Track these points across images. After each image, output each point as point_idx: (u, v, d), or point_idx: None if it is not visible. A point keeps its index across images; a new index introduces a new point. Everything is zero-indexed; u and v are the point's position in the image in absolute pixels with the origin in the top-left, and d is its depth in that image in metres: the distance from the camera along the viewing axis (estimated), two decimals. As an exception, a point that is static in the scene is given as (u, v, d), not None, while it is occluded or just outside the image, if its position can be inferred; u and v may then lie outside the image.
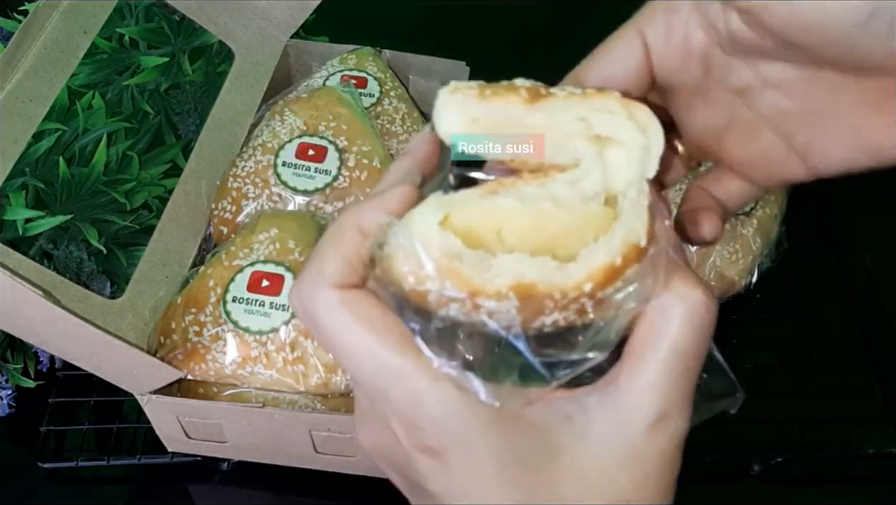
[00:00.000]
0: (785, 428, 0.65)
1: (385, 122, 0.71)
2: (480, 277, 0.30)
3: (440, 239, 0.30)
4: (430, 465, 0.32)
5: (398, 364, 0.31)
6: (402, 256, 0.31)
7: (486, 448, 0.31)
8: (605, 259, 0.30)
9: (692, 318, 0.31)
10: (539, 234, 0.31)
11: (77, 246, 0.64)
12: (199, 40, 0.76)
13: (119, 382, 0.54)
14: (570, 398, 0.32)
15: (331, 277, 0.32)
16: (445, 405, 0.31)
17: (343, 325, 0.31)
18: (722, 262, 0.69)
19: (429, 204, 0.31)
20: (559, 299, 0.30)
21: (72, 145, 0.67)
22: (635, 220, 0.31)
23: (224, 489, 0.62)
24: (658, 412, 0.31)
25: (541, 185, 0.32)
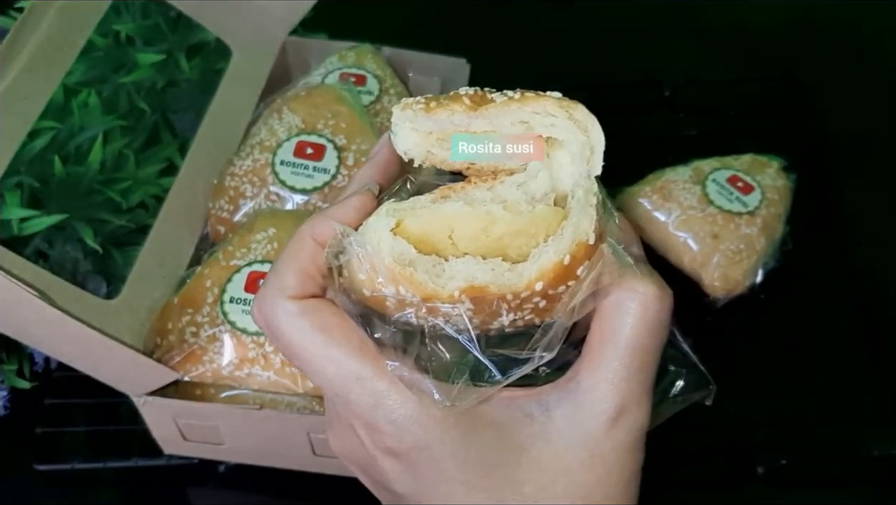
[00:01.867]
0: (789, 430, 0.64)
1: (384, 120, 0.71)
2: (433, 281, 0.31)
3: (393, 246, 0.31)
4: (394, 467, 0.33)
5: (356, 369, 0.32)
6: (357, 263, 0.32)
7: (445, 450, 0.32)
8: (555, 258, 0.31)
9: (645, 312, 0.32)
10: (489, 237, 0.32)
11: (73, 245, 0.64)
12: (196, 37, 0.75)
13: (115, 384, 0.54)
14: (531, 397, 0.33)
15: (289, 289, 0.33)
16: (403, 408, 0.32)
17: (302, 334, 0.33)
18: (726, 262, 0.68)
19: (381, 212, 0.32)
20: (512, 300, 0.31)
21: (67, 144, 0.67)
22: (583, 219, 0.32)
23: (221, 492, 0.62)
24: (616, 407, 0.32)
25: (489, 188, 0.33)
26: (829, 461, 0.63)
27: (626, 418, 0.33)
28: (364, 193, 0.35)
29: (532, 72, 0.90)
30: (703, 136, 0.83)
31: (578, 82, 0.87)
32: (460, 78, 0.77)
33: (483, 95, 0.34)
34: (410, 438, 0.32)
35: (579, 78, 0.87)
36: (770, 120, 0.85)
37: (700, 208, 0.70)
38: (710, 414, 0.63)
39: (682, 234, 0.70)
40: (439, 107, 0.34)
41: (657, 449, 0.36)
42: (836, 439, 0.64)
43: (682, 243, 0.70)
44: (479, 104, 0.34)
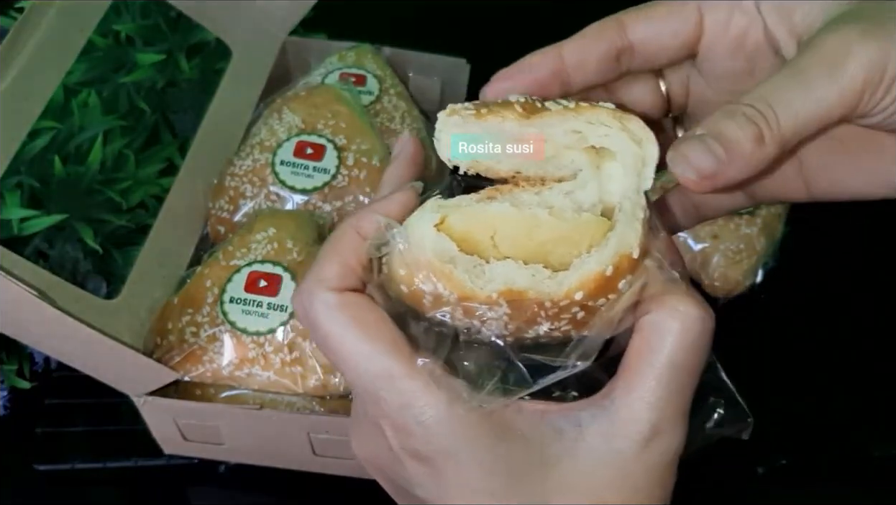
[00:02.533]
0: (790, 430, 0.64)
1: (384, 120, 0.71)
2: (472, 281, 0.30)
3: (435, 241, 0.31)
4: (419, 470, 0.33)
5: (388, 366, 0.32)
6: (398, 257, 0.32)
7: (472, 457, 0.31)
8: (597, 268, 0.30)
9: (686, 334, 0.31)
10: (532, 241, 0.31)
11: (73, 245, 0.64)
12: (196, 37, 0.75)
13: (115, 384, 0.54)
14: (563, 412, 0.32)
15: (329, 281, 0.33)
16: (434, 410, 0.31)
17: (338, 327, 0.32)
18: (726, 262, 0.68)
19: (426, 207, 0.32)
20: (550, 308, 0.31)
21: (67, 144, 0.67)
22: (629, 232, 0.31)
23: (221, 492, 0.62)
24: (651, 428, 0.31)
25: (537, 193, 0.33)
26: (829, 461, 0.63)
27: (659, 440, 0.32)
28: (408, 190, 0.35)
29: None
30: (703, 135, 0.83)
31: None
32: (460, 78, 0.77)
33: (533, 104, 0.33)
34: (438, 441, 0.31)
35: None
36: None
37: (700, 208, 0.70)
38: (709, 414, 0.64)
39: (681, 234, 0.70)
40: (490, 113, 0.33)
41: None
42: (837, 439, 0.64)
43: (682, 243, 0.70)
44: (531, 112, 0.33)
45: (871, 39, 0.30)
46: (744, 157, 0.31)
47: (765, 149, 0.31)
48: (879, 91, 0.31)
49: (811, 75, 0.31)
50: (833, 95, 0.31)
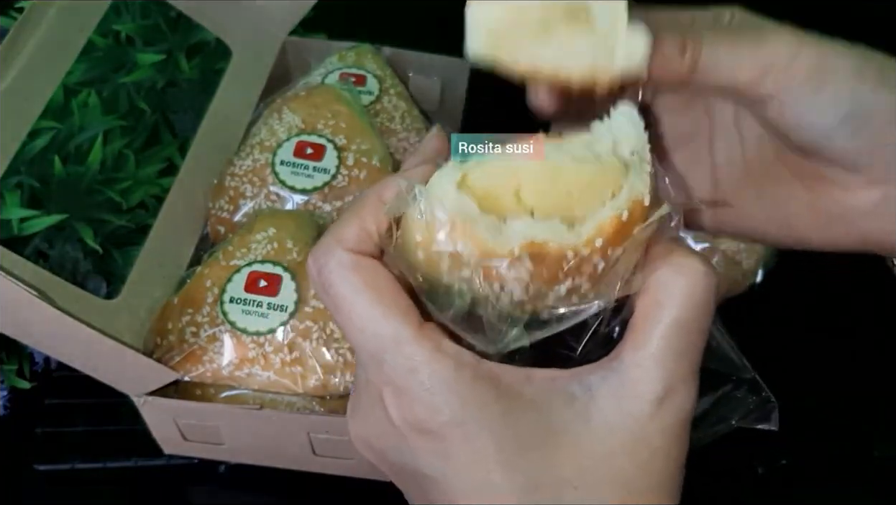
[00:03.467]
0: (790, 430, 0.64)
1: (384, 120, 0.71)
2: (494, 238, 0.30)
3: (457, 200, 0.30)
4: (425, 445, 0.32)
5: (397, 330, 0.31)
6: (416, 221, 0.31)
7: (483, 425, 0.30)
8: (613, 213, 0.30)
9: (693, 290, 0.31)
10: (558, 191, 0.31)
11: (73, 245, 0.64)
12: (196, 37, 0.75)
13: (115, 384, 0.54)
14: (574, 376, 0.32)
15: (346, 242, 0.32)
16: (441, 375, 0.31)
17: (350, 287, 0.32)
18: (726, 262, 0.68)
19: (447, 166, 0.32)
20: (571, 259, 0.30)
21: (67, 144, 0.67)
22: (639, 181, 0.31)
23: (221, 492, 0.62)
24: (664, 387, 0.31)
25: (558, 146, 0.32)
26: (830, 461, 0.63)
27: (672, 399, 0.31)
28: (432, 164, 0.34)
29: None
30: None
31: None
32: (460, 78, 0.77)
33: None
34: (446, 409, 0.30)
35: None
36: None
37: (700, 208, 0.70)
38: (710, 414, 0.64)
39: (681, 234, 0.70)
40: None
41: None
42: (837, 439, 0.64)
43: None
44: None
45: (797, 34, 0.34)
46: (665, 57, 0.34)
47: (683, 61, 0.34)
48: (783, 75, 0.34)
49: (740, 34, 0.35)
50: (748, 55, 0.34)
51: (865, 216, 0.36)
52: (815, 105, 0.34)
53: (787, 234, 0.39)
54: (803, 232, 0.38)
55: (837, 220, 0.37)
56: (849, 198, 0.36)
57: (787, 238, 0.39)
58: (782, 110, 0.34)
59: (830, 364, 0.68)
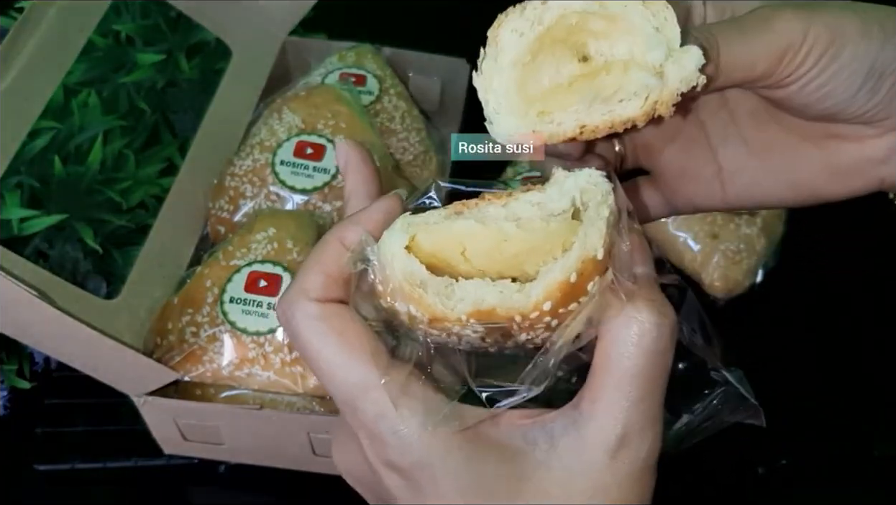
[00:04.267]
0: (790, 430, 0.64)
1: (384, 120, 0.71)
2: (443, 303, 0.30)
3: (405, 265, 0.31)
4: (396, 482, 0.33)
5: (365, 377, 0.32)
6: (375, 276, 0.32)
7: (447, 470, 0.32)
8: (560, 277, 0.30)
9: (641, 341, 0.31)
10: (503, 254, 0.31)
11: (73, 245, 0.64)
12: (196, 37, 0.75)
13: (115, 384, 0.54)
14: (537, 425, 0.33)
15: (311, 291, 0.33)
16: (408, 423, 0.32)
17: (317, 337, 0.33)
18: (726, 262, 0.68)
19: (395, 227, 0.32)
20: (521, 321, 0.31)
21: (67, 144, 0.67)
22: (593, 233, 0.30)
23: (221, 492, 0.62)
24: (617, 438, 0.31)
25: (504, 205, 0.32)
26: (830, 461, 0.63)
27: (627, 449, 0.32)
28: (392, 198, 0.35)
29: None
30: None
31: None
32: (460, 78, 0.77)
33: None
34: (412, 453, 0.32)
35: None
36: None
37: (700, 208, 0.70)
38: (710, 414, 0.64)
39: (682, 234, 0.70)
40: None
41: (657, 448, 0.36)
42: (837, 439, 0.64)
43: (682, 243, 0.70)
44: None
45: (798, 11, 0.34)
46: None
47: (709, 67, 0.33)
48: (799, 56, 0.34)
49: (747, 25, 0.34)
50: (762, 46, 0.34)
51: (881, 163, 0.37)
52: (833, 77, 0.34)
53: (801, 193, 0.39)
54: (818, 188, 0.38)
55: (852, 172, 0.37)
56: (863, 149, 0.37)
57: (802, 197, 0.39)
58: (802, 88, 0.35)
59: (830, 364, 0.68)
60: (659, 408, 0.32)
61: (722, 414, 0.37)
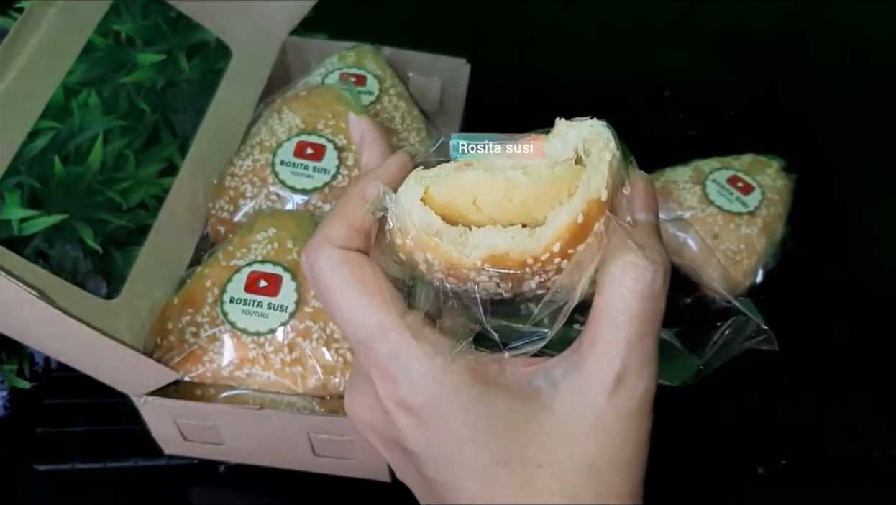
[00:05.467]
0: (790, 430, 0.64)
1: (384, 120, 0.71)
2: (458, 251, 0.32)
3: (421, 216, 0.33)
4: (407, 421, 0.35)
5: (382, 319, 0.34)
6: (393, 227, 0.34)
7: (456, 407, 0.34)
8: (568, 218, 0.32)
9: (636, 285, 0.33)
10: (512, 202, 0.33)
11: (73, 245, 0.64)
12: (196, 38, 0.75)
13: (115, 384, 0.54)
14: (541, 371, 0.35)
15: (335, 239, 0.35)
16: (420, 362, 0.34)
17: (339, 281, 0.35)
18: (726, 262, 0.68)
19: (409, 182, 0.34)
20: (533, 264, 0.33)
21: (67, 144, 0.67)
22: (596, 176, 0.33)
23: (221, 492, 0.62)
24: (614, 376, 0.34)
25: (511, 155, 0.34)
26: (829, 461, 0.63)
27: (625, 386, 0.34)
28: (403, 154, 0.38)
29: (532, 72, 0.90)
30: (703, 136, 0.83)
31: (578, 82, 0.87)
32: (460, 78, 0.77)
33: None
34: (423, 391, 0.34)
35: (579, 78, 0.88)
36: (770, 120, 0.85)
37: (700, 208, 0.70)
38: (710, 414, 0.64)
39: (681, 234, 0.70)
40: None
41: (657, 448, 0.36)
42: (836, 439, 0.64)
43: (682, 243, 0.70)
44: None
45: None
46: None
47: None
48: None
49: None
50: None
51: None
52: None
53: None
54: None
55: None
56: None
57: None
58: None
59: (830, 364, 0.68)
60: (654, 349, 0.34)
61: (735, 342, 0.39)
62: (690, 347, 0.40)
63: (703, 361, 0.40)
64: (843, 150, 0.83)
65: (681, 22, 0.96)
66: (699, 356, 0.40)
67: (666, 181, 0.73)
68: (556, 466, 0.34)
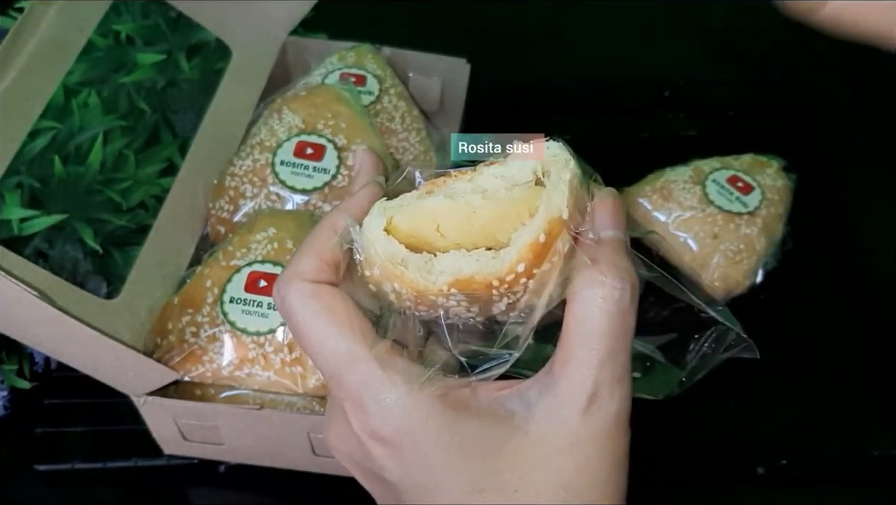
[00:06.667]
0: (790, 430, 0.64)
1: (384, 120, 0.71)
2: (424, 278, 0.33)
3: (385, 246, 0.33)
4: (381, 451, 0.35)
5: (351, 350, 0.34)
6: (361, 259, 0.35)
7: (428, 435, 0.33)
8: (530, 238, 0.32)
9: (605, 303, 0.33)
10: (474, 226, 0.33)
11: (73, 246, 0.64)
12: (196, 37, 0.75)
13: (115, 384, 0.54)
14: (514, 393, 0.35)
15: (305, 273, 0.36)
16: (391, 392, 0.34)
17: (309, 313, 0.35)
18: (726, 262, 0.68)
19: (373, 213, 0.34)
20: (500, 286, 0.33)
21: (67, 144, 0.67)
22: (556, 194, 0.33)
23: (221, 492, 0.62)
24: (588, 396, 0.33)
25: (469, 180, 0.35)
26: (829, 461, 0.63)
27: (598, 405, 0.34)
28: (373, 185, 0.38)
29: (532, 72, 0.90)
30: (703, 136, 0.83)
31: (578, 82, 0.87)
32: (460, 78, 0.77)
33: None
34: (395, 420, 0.34)
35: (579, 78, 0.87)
36: (770, 120, 0.85)
37: (700, 208, 0.70)
38: (710, 414, 0.64)
39: (682, 234, 0.70)
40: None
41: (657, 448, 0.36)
42: (836, 439, 0.64)
43: (681, 243, 0.70)
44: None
45: None
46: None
47: None
48: None
49: None
50: None
51: None
52: None
53: None
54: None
55: None
56: None
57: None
58: None
59: (830, 364, 0.68)
60: (626, 366, 0.34)
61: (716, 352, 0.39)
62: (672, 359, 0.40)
63: (685, 372, 0.40)
64: (843, 150, 0.83)
65: (681, 22, 0.95)
66: (681, 368, 0.40)
67: (666, 181, 0.72)
68: (533, 490, 0.33)
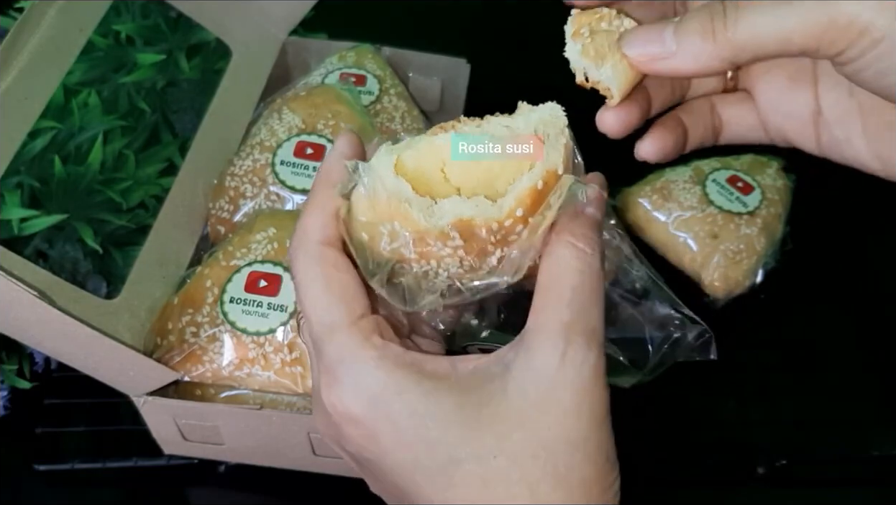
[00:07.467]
0: (789, 430, 0.64)
1: (384, 120, 0.71)
2: (426, 219, 0.34)
3: (393, 183, 0.34)
4: (356, 432, 0.34)
5: (335, 319, 0.34)
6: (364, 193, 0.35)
7: (405, 406, 0.33)
8: (530, 183, 0.34)
9: (577, 260, 0.34)
10: (479, 169, 0.35)
11: (72, 245, 0.64)
12: (196, 38, 0.75)
13: (115, 384, 0.53)
14: (493, 358, 0.35)
15: (314, 232, 0.36)
16: (364, 363, 0.33)
17: (309, 277, 0.35)
18: (726, 262, 0.68)
19: (381, 152, 0.35)
20: (497, 230, 0.34)
21: (67, 144, 0.67)
22: (554, 152, 0.35)
23: (221, 492, 0.62)
24: (562, 345, 0.33)
25: (478, 126, 0.36)
26: (829, 461, 0.63)
27: (573, 357, 0.33)
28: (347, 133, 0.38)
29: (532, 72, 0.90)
30: (703, 136, 0.83)
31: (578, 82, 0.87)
32: (460, 78, 0.77)
33: None
34: (368, 391, 0.33)
35: (579, 78, 0.87)
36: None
37: (700, 208, 0.70)
38: (710, 414, 0.64)
39: (682, 234, 0.70)
40: None
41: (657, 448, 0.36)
42: (836, 439, 0.64)
43: (682, 243, 0.70)
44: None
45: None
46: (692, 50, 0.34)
47: (714, 48, 0.34)
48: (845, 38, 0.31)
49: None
50: (795, 20, 0.32)
51: None
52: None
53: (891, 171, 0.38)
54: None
55: None
56: None
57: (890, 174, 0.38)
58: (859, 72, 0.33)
59: (830, 364, 0.68)
60: (599, 321, 0.34)
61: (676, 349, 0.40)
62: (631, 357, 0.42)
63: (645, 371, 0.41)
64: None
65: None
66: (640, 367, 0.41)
67: (666, 181, 0.73)
68: (512, 453, 0.32)
